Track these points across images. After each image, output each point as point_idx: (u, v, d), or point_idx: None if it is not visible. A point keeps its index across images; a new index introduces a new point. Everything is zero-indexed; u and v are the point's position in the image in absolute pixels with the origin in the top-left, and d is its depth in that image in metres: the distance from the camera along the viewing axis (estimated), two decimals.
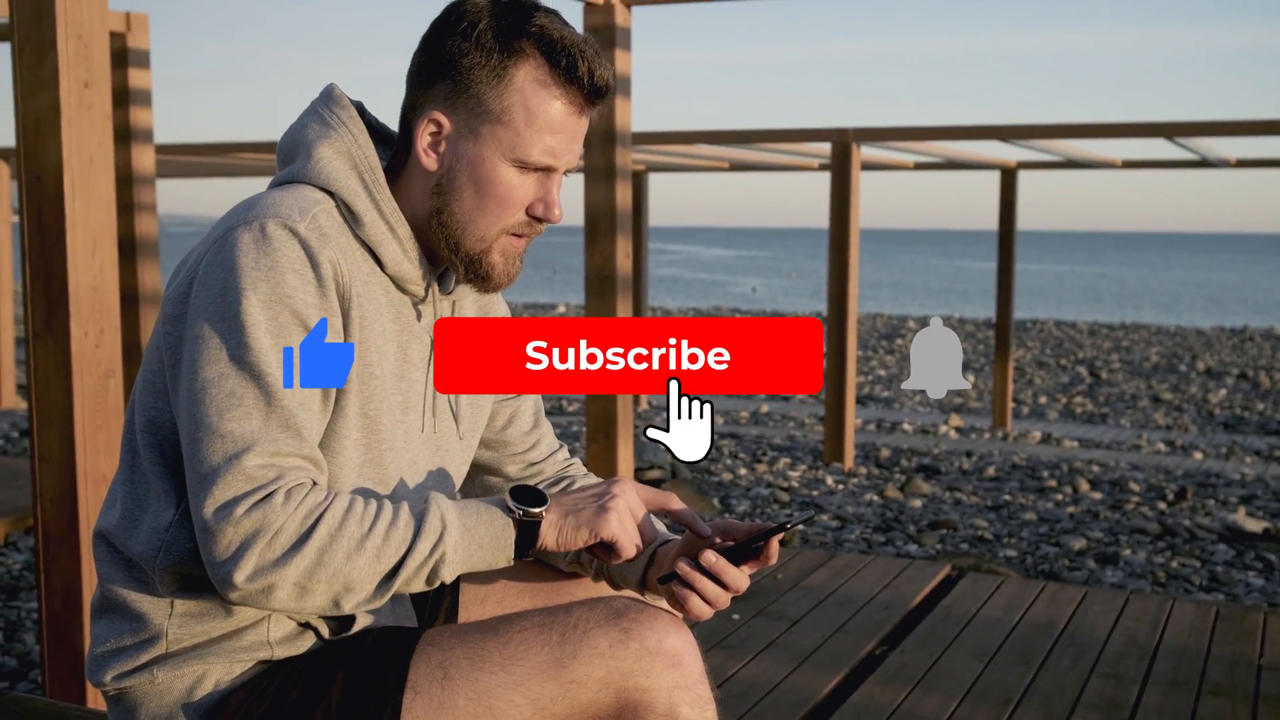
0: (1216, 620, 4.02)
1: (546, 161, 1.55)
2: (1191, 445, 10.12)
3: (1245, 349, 20.43)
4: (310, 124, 1.58)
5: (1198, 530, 6.15)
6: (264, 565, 1.37)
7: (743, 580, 1.56)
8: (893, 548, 5.82)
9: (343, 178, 1.55)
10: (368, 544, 1.41)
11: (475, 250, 1.58)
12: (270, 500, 1.38)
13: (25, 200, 2.76)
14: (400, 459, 1.59)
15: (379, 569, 1.42)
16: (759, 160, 10.38)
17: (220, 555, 1.38)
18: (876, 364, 17.00)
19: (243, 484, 1.38)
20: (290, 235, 1.46)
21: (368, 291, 1.54)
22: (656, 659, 1.46)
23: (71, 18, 2.71)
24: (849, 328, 8.18)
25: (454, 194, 1.56)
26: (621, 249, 4.81)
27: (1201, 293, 50.72)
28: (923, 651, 3.71)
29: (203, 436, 1.40)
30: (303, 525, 1.38)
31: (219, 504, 1.38)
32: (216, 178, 11.61)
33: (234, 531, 1.37)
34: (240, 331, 1.42)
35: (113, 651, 1.54)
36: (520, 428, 1.81)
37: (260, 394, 1.41)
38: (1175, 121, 7.46)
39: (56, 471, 2.82)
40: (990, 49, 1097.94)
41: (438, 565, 1.44)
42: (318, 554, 1.38)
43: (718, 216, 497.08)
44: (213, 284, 1.44)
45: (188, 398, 1.43)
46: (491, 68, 1.52)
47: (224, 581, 1.39)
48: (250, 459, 1.39)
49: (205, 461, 1.39)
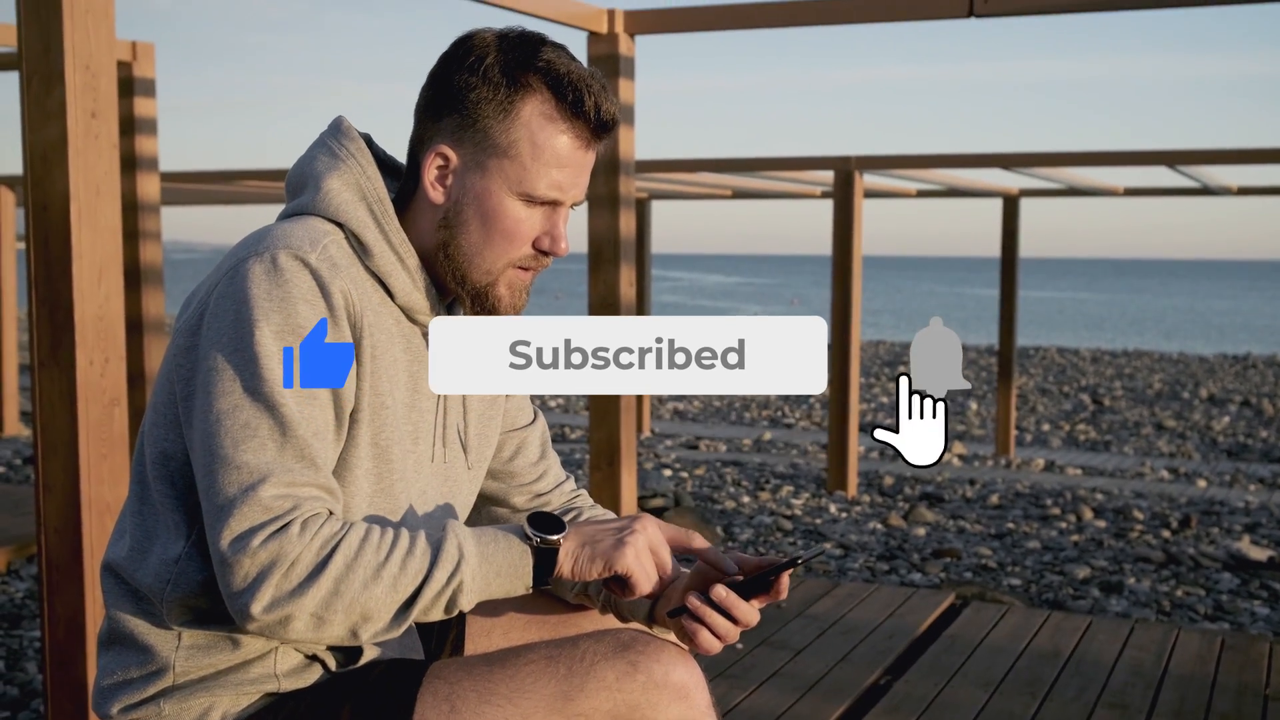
0: (1222, 650, 4.01)
1: (553, 195, 1.56)
2: (1195, 473, 10.10)
3: (1248, 376, 20.42)
4: (319, 156, 1.59)
5: (1202, 559, 6.13)
6: (281, 596, 1.37)
7: (753, 615, 1.56)
8: (896, 576, 5.81)
9: (351, 209, 1.55)
10: (384, 573, 1.40)
11: (482, 283, 1.58)
12: (286, 531, 1.38)
13: (32, 229, 2.77)
14: (410, 489, 1.59)
15: (396, 598, 1.41)
16: (761, 188, 10.41)
17: (237, 586, 1.38)
18: (879, 390, 16.99)
19: (259, 515, 1.38)
20: (301, 265, 1.46)
21: (379, 321, 1.55)
22: (664, 692, 1.46)
23: (79, 49, 2.72)
24: (852, 355, 8.18)
25: (461, 227, 1.57)
26: (625, 277, 4.82)
27: (1203, 320, 50.71)
28: (927, 681, 3.70)
29: (218, 468, 1.40)
30: (319, 555, 1.38)
31: (235, 535, 1.38)
32: (219, 205, 11.64)
33: (250, 562, 1.37)
34: (254, 362, 1.42)
35: (119, 683, 1.53)
36: (527, 458, 1.82)
37: (275, 425, 1.42)
38: (1177, 150, 7.48)
39: (60, 500, 2.82)
40: (993, 78, 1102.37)
41: (455, 594, 1.44)
42: (334, 584, 1.38)
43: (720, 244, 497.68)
44: (225, 315, 1.45)
45: (202, 430, 1.43)
46: (498, 102, 1.53)
47: (241, 612, 1.39)
48: (266, 490, 1.39)
49: (221, 493, 1.39)
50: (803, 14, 4.60)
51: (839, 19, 4.51)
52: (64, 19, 2.70)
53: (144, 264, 5.93)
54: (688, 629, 1.57)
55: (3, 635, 4.59)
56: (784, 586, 1.60)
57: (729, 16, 4.68)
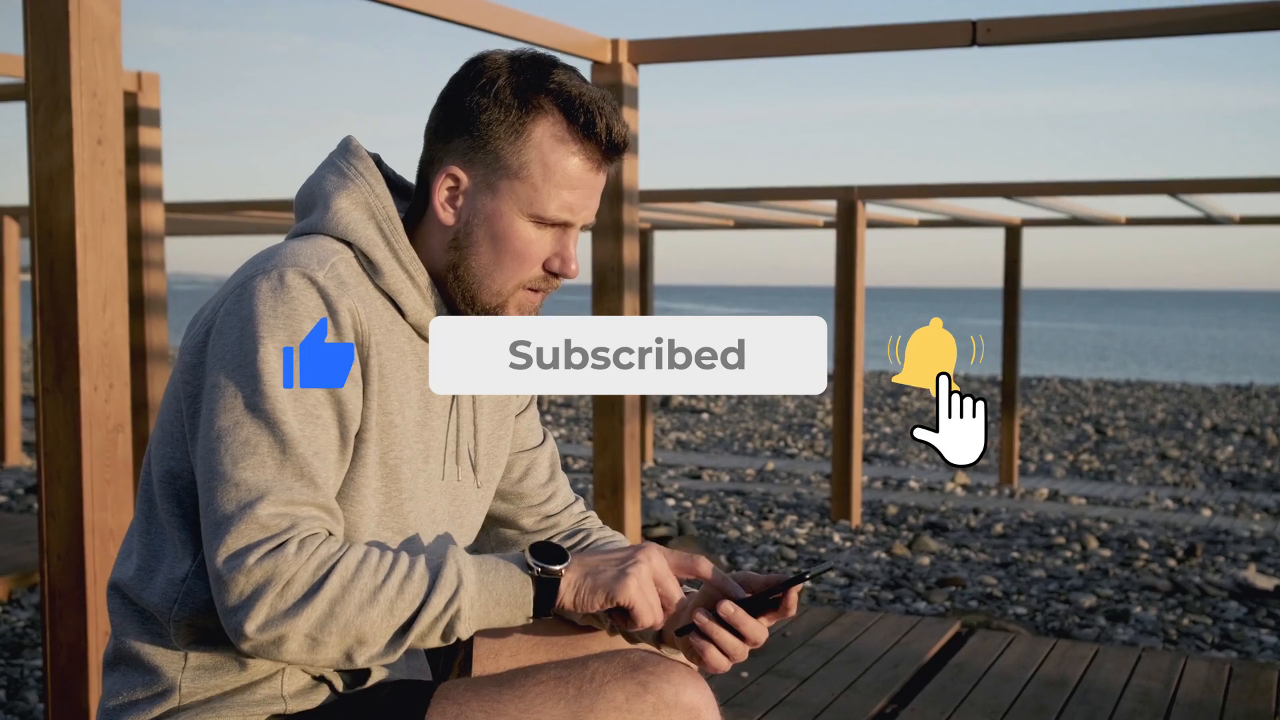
0: (1230, 678, 3.98)
1: (564, 217, 1.56)
2: (1200, 502, 10.07)
3: (1251, 406, 20.39)
4: (328, 175, 1.59)
5: (1208, 587, 6.10)
6: (275, 615, 1.36)
7: (761, 632, 1.55)
8: (901, 605, 5.78)
9: (361, 228, 1.55)
10: (381, 596, 1.39)
11: (491, 304, 1.58)
12: (283, 550, 1.37)
13: (37, 256, 2.77)
14: (419, 508, 1.58)
15: (392, 622, 1.40)
16: (763, 218, 10.43)
17: (232, 603, 1.37)
18: (881, 421, 16.97)
19: (255, 533, 1.37)
20: (309, 284, 1.46)
21: (389, 340, 1.54)
22: (674, 713, 1.45)
23: (86, 75, 2.73)
24: (855, 385, 8.17)
25: (471, 248, 1.56)
26: (629, 305, 4.82)
27: (1206, 350, 50.68)
28: (934, 709, 3.68)
29: (217, 485, 1.40)
30: (315, 575, 1.37)
31: (231, 552, 1.37)
32: (221, 235, 11.66)
33: (245, 580, 1.36)
34: (256, 380, 1.42)
35: (125, 705, 1.52)
36: (537, 479, 1.81)
37: (275, 442, 1.41)
38: (1180, 179, 7.50)
39: (64, 526, 2.81)
40: (995, 110, 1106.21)
41: (453, 621, 1.43)
42: (329, 605, 1.37)
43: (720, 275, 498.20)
44: (230, 332, 1.45)
45: (204, 446, 1.42)
46: (510, 124, 1.53)
47: (236, 631, 1.38)
48: (264, 508, 1.38)
49: (219, 510, 1.39)
50: (806, 44, 4.62)
51: (842, 48, 4.53)
52: (71, 46, 2.71)
53: (148, 293, 5.93)
54: (695, 647, 1.56)
55: (3, 664, 4.57)
56: (792, 603, 1.59)
57: (733, 46, 4.70)
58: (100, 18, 2.75)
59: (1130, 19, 4.12)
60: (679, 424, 16.26)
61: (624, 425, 4.75)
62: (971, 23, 4.25)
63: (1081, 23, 4.19)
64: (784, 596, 1.58)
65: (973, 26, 4.25)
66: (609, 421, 4.76)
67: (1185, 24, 4.04)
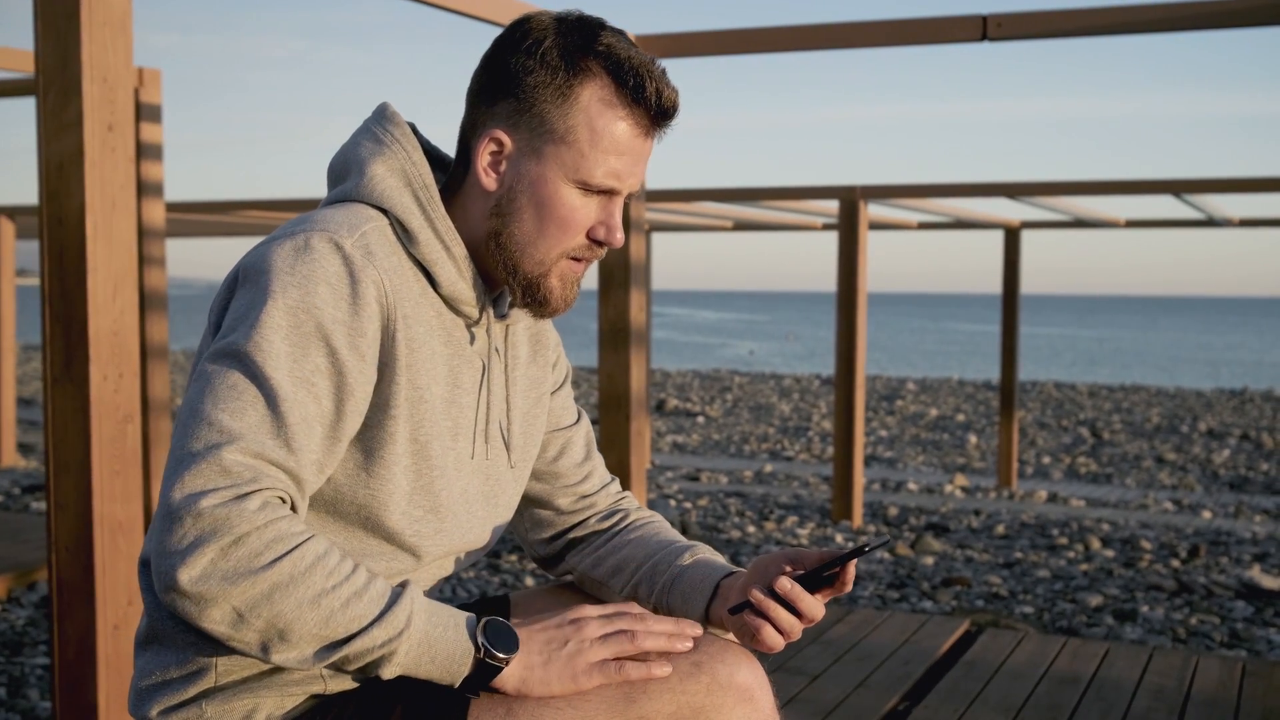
0: (1243, 676, 3.96)
1: (610, 184, 1.52)
2: (1199, 504, 10.06)
3: (1246, 410, 20.41)
4: (363, 142, 1.55)
5: (1214, 587, 6.08)
6: (211, 574, 1.28)
7: (819, 608, 1.52)
8: (907, 604, 5.75)
9: (396, 195, 1.51)
10: (325, 602, 1.31)
11: (534, 274, 1.54)
12: (243, 503, 1.30)
13: (46, 243, 2.73)
14: (451, 487, 1.54)
15: (326, 634, 1.32)
16: (763, 219, 10.40)
17: (171, 546, 1.28)
18: (878, 424, 16.96)
19: (217, 477, 1.30)
20: (334, 250, 1.42)
21: (417, 313, 1.50)
22: (728, 693, 1.41)
23: (97, 61, 2.70)
24: (857, 386, 8.15)
25: (514, 215, 1.52)
26: (636, 302, 4.79)
27: (1200, 355, 50.77)
28: (947, 707, 3.64)
29: (192, 422, 1.34)
30: (267, 549, 1.29)
31: (188, 491, 1.30)
32: (215, 237, 11.59)
33: (193, 524, 1.28)
34: (257, 332, 1.37)
35: (158, 685, 1.48)
36: (572, 459, 1.77)
37: (261, 396, 1.35)
38: (1183, 179, 7.48)
39: (72, 519, 2.77)
40: (997, 117, 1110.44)
41: (382, 660, 1.35)
42: (270, 589, 1.29)
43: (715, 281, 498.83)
44: (246, 288, 1.41)
45: (191, 385, 1.38)
46: (556, 86, 1.49)
47: (166, 575, 1.28)
48: (231, 453, 1.31)
49: (186, 445, 1.32)
50: (813, 38, 4.58)
51: (851, 43, 4.50)
52: (82, 31, 2.67)
53: (148, 290, 5.89)
54: (750, 625, 1.52)
55: (4, 662, 4.52)
56: (850, 578, 1.55)
57: (739, 41, 4.67)
58: (111, 3, 2.72)
59: (1141, 13, 4.09)
60: (675, 427, 16.23)
61: (630, 422, 4.72)
62: (982, 17, 4.22)
63: (1092, 17, 4.16)
64: (841, 571, 1.54)
65: (983, 21, 4.22)
66: (615, 419, 4.73)
67: (1196, 19, 4.01)
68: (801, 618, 1.52)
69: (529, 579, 6.12)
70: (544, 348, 1.73)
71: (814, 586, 1.53)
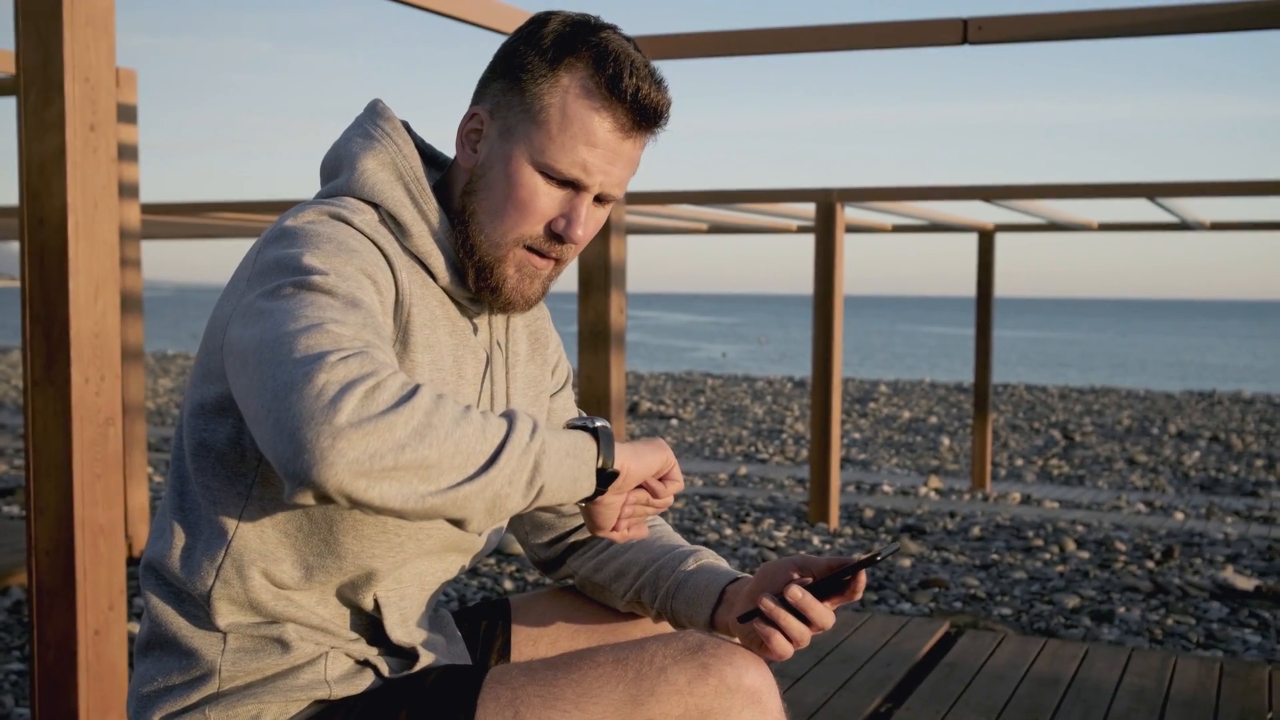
0: (1222, 675, 3.98)
1: (574, 174, 1.47)
2: (1171, 506, 10.12)
3: (1215, 412, 20.56)
4: (354, 138, 1.54)
5: (1189, 588, 6.12)
6: (367, 415, 1.17)
7: (829, 616, 1.51)
8: (886, 606, 5.76)
9: (388, 189, 1.50)
10: (472, 415, 1.24)
11: (488, 257, 1.50)
12: (366, 353, 1.22)
13: (27, 244, 2.71)
14: None
15: (485, 446, 1.24)
16: (738, 222, 10.41)
17: (312, 404, 1.16)
18: (851, 426, 17.00)
19: (329, 342, 1.22)
20: (348, 224, 1.42)
21: (423, 302, 1.49)
22: (736, 696, 1.40)
23: (79, 60, 2.67)
24: (833, 388, 8.16)
25: (480, 192, 1.50)
26: (615, 303, 4.79)
27: (1169, 358, 51.15)
28: (929, 709, 3.65)
29: (275, 346, 1.23)
30: (404, 387, 1.21)
31: (308, 355, 1.20)
32: (189, 239, 11.52)
33: (327, 377, 1.17)
34: (302, 273, 1.31)
35: (160, 691, 1.46)
36: None
37: (333, 301, 1.29)
38: (1157, 182, 7.53)
39: (53, 522, 2.74)
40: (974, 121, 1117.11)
41: (539, 458, 1.28)
42: (425, 415, 1.20)
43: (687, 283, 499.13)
44: (269, 262, 1.36)
45: (255, 344, 1.26)
46: (542, 70, 1.47)
47: (319, 435, 1.15)
48: (335, 327, 1.25)
49: (282, 357, 1.22)
50: (793, 41, 4.59)
51: (832, 46, 4.51)
52: (64, 30, 2.64)
53: (124, 293, 5.84)
54: (760, 633, 1.51)
55: None
56: (860, 586, 1.54)
57: (717, 44, 4.67)
58: (93, 2, 2.69)
59: (1122, 17, 4.12)
60: (648, 430, 16.22)
61: (609, 422, 4.71)
62: (963, 20, 4.24)
63: (1072, 21, 4.19)
64: (853, 579, 1.53)
65: (964, 24, 4.24)
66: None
67: (1176, 23, 4.04)
68: (811, 626, 1.52)
69: (508, 582, 6.10)
70: (542, 347, 1.72)
71: (824, 594, 1.53)
